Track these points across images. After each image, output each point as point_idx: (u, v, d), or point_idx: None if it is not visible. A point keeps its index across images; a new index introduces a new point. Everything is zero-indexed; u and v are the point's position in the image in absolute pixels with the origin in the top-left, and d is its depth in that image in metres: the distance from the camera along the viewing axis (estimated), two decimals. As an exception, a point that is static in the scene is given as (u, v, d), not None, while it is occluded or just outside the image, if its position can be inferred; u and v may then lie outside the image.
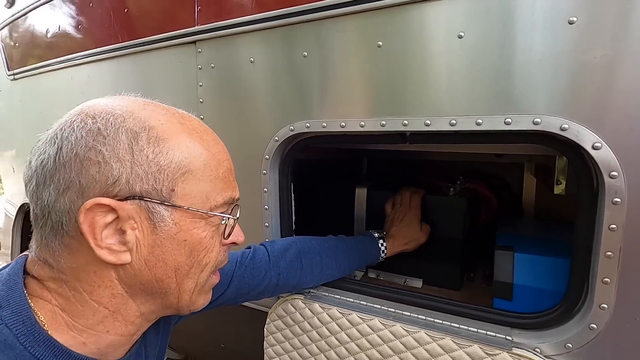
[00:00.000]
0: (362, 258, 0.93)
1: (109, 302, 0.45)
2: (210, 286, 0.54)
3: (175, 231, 0.45)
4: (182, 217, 0.45)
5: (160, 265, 0.45)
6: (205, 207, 0.47)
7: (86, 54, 1.31)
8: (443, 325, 0.76)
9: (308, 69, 0.84)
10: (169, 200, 0.44)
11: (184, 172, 0.45)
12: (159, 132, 0.44)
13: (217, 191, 0.48)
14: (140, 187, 0.43)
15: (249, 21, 0.90)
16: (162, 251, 0.45)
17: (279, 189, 0.96)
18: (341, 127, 0.81)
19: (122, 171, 0.42)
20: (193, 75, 1.03)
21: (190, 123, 0.48)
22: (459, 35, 0.67)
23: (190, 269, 0.48)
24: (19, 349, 0.40)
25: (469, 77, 0.67)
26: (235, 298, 0.77)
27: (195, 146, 0.46)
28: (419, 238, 1.01)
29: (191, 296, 0.50)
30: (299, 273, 0.82)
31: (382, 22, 0.74)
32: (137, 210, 0.43)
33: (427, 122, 0.71)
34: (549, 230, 1.15)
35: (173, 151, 0.44)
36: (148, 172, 0.43)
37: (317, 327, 0.86)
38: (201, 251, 0.48)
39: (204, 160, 0.47)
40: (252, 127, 0.94)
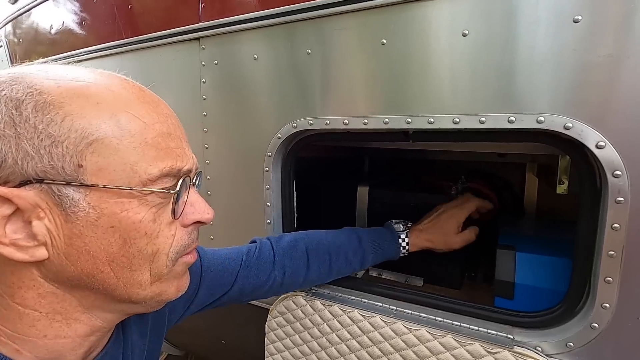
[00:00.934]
0: (378, 254, 0.86)
1: (38, 304, 0.39)
2: (181, 271, 0.45)
3: (95, 216, 0.37)
4: (101, 199, 0.37)
5: (85, 258, 0.38)
6: (134, 183, 0.38)
7: (89, 50, 1.32)
8: (444, 323, 0.76)
9: (311, 66, 0.84)
10: (77, 180, 0.36)
11: (91, 141, 0.36)
12: (52, 96, 0.36)
13: (147, 161, 0.38)
14: (32, 167, 0.35)
15: (252, 18, 0.90)
16: (84, 242, 0.37)
17: (281, 187, 0.96)
18: (344, 124, 0.81)
19: (5, 150, 0.34)
20: (196, 72, 1.03)
21: (105, 80, 0.40)
22: (464, 33, 0.67)
23: (131, 261, 0.39)
24: None
25: (473, 75, 0.67)
26: (239, 297, 0.75)
27: (104, 107, 0.37)
28: (449, 240, 0.89)
29: (150, 288, 0.42)
30: (305, 271, 0.80)
31: (386, 19, 0.74)
32: (40, 195, 0.35)
33: (431, 120, 0.71)
34: (551, 230, 1.15)
35: (71, 117, 0.35)
36: (39, 147, 0.35)
37: (319, 324, 0.86)
38: (140, 238, 0.39)
39: (120, 123, 0.37)
40: (255, 124, 0.94)
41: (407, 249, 0.89)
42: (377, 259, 0.88)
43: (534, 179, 1.51)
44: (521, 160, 1.49)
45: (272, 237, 0.82)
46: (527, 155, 1.44)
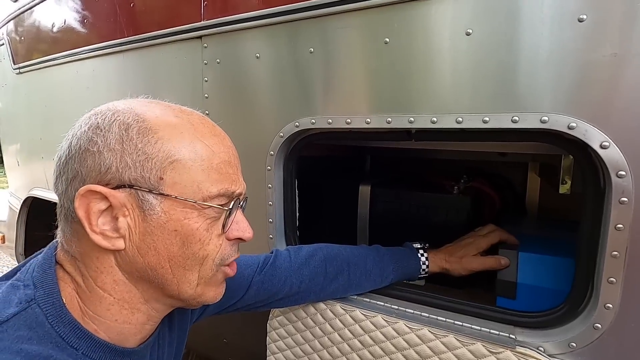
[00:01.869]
0: (398, 269, 0.85)
1: (112, 289, 0.47)
2: (220, 279, 0.53)
3: (165, 220, 0.45)
4: (171, 207, 0.46)
5: (152, 253, 0.46)
6: (197, 198, 0.46)
7: (92, 48, 1.32)
8: (446, 323, 0.76)
9: (314, 65, 0.84)
10: (157, 189, 0.45)
11: (172, 160, 0.45)
12: (151, 123, 0.46)
13: (210, 182, 0.47)
14: (129, 175, 0.44)
15: (255, 16, 0.90)
16: (153, 239, 0.46)
17: (283, 185, 0.96)
18: (347, 123, 0.81)
19: (112, 160, 0.44)
20: (199, 71, 1.03)
21: (187, 117, 0.49)
22: (467, 32, 0.67)
23: (186, 261, 0.48)
24: (47, 327, 0.43)
25: (477, 75, 0.67)
26: (254, 304, 0.76)
27: (186, 136, 0.47)
28: (465, 262, 0.87)
29: (196, 289, 0.50)
30: (322, 281, 0.79)
31: (390, 18, 0.74)
32: (128, 198, 0.45)
33: (434, 120, 0.71)
34: (553, 230, 1.15)
35: (162, 141, 0.45)
36: (136, 161, 0.44)
37: (321, 323, 0.86)
38: (195, 243, 0.47)
39: (195, 149, 0.47)
40: (257, 123, 0.94)
41: (427, 267, 0.87)
42: (397, 274, 0.85)
43: (536, 179, 1.51)
44: (523, 159, 1.48)
45: (291, 247, 0.84)
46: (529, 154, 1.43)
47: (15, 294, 0.44)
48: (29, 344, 0.41)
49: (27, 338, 0.41)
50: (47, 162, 1.67)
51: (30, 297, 0.44)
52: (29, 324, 0.42)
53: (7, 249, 2.25)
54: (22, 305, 0.43)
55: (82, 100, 1.43)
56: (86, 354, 0.45)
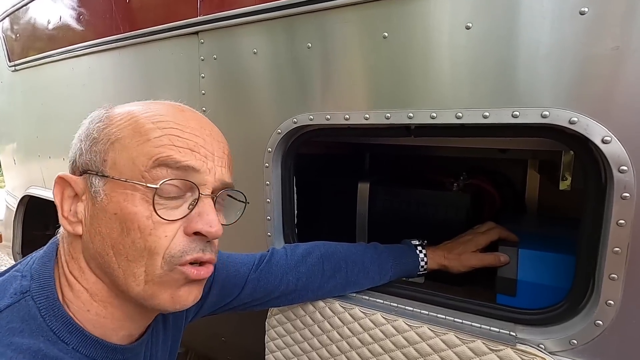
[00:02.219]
0: (397, 265, 0.84)
1: (80, 277, 0.47)
2: (178, 280, 0.46)
3: (107, 202, 0.45)
4: (112, 188, 0.45)
5: (98, 238, 0.46)
6: (133, 176, 0.44)
7: (87, 45, 1.30)
8: (446, 320, 0.75)
9: (312, 61, 0.83)
10: (101, 171, 0.45)
11: (113, 140, 0.45)
12: (112, 113, 0.48)
13: (144, 154, 0.44)
14: (82, 161, 0.47)
15: (252, 11, 0.89)
16: (99, 223, 0.45)
17: (281, 182, 0.95)
18: (345, 119, 0.80)
19: (76, 149, 0.48)
20: (195, 67, 1.02)
21: (154, 103, 0.50)
22: (467, 26, 0.66)
23: (127, 250, 0.44)
24: (39, 321, 0.43)
25: (477, 69, 0.66)
26: (251, 302, 0.75)
27: (133, 116, 0.47)
28: (464, 258, 0.86)
29: (144, 287, 0.45)
30: (320, 278, 0.79)
31: (389, 12, 0.73)
32: (85, 184, 0.47)
33: (433, 115, 0.70)
34: (553, 227, 1.15)
35: (111, 125, 0.46)
36: (88, 147, 0.46)
37: (319, 321, 0.85)
38: (134, 230, 0.43)
39: (138, 128, 0.45)
40: (254, 120, 0.93)
41: (425, 264, 0.86)
42: (396, 271, 0.84)
43: (536, 175, 1.50)
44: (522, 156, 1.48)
45: (288, 246, 0.83)
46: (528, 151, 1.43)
47: (12, 284, 0.45)
48: (20, 336, 0.40)
49: (19, 330, 0.41)
50: (43, 160, 1.66)
51: (26, 289, 0.44)
52: (21, 316, 0.42)
53: (4, 248, 2.23)
54: (16, 297, 0.43)
55: (78, 97, 1.41)
56: (77, 349, 0.44)
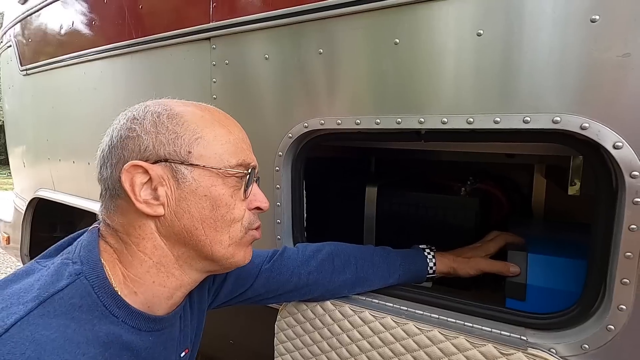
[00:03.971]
0: (405, 265, 0.85)
1: (152, 253, 0.54)
2: (248, 241, 0.60)
3: (195, 186, 0.53)
4: (200, 175, 0.53)
5: (187, 216, 0.53)
6: (220, 166, 0.54)
7: (100, 49, 1.33)
8: (456, 324, 0.76)
9: (323, 66, 0.84)
10: (188, 161, 0.53)
11: (197, 137, 0.54)
12: (177, 110, 0.55)
13: (229, 153, 0.55)
14: (163, 151, 0.52)
15: (264, 18, 0.90)
16: (187, 204, 0.53)
17: (291, 186, 0.96)
18: (356, 124, 0.81)
19: (149, 140, 0.52)
20: (207, 72, 1.03)
21: (205, 106, 0.59)
22: (478, 32, 0.67)
23: (216, 222, 0.55)
24: (94, 297, 0.49)
25: (488, 75, 0.67)
26: (264, 294, 0.79)
27: (206, 119, 0.56)
28: (473, 263, 0.87)
29: (227, 248, 0.56)
30: (330, 273, 0.81)
31: (400, 19, 0.74)
32: (164, 170, 0.52)
33: (444, 120, 0.71)
34: (561, 231, 1.15)
35: (188, 122, 0.54)
36: (169, 139, 0.53)
37: (329, 324, 0.86)
38: (222, 207, 0.55)
39: (214, 128, 0.55)
40: (266, 124, 0.94)
41: (434, 265, 0.87)
42: (405, 270, 0.85)
43: (542, 180, 1.50)
44: (529, 161, 1.48)
45: (300, 244, 0.87)
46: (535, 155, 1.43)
47: (66, 269, 0.49)
48: (79, 311, 0.47)
49: (79, 306, 0.47)
50: (53, 163, 1.68)
51: (79, 272, 0.49)
52: (80, 293, 0.48)
53: (11, 250, 2.25)
54: (72, 277, 0.48)
55: (89, 101, 1.44)
56: (125, 321, 0.51)
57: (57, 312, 0.45)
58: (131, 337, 0.51)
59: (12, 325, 0.41)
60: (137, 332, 0.52)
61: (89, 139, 1.47)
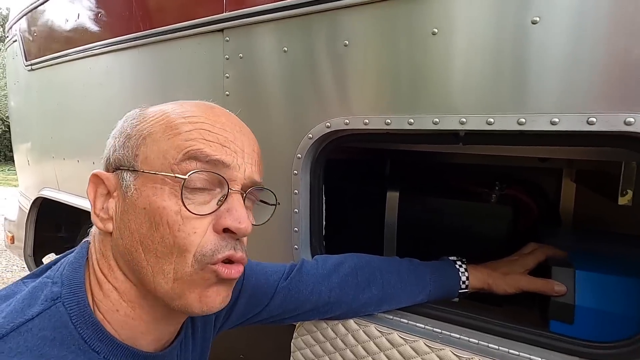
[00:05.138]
0: (436, 280, 0.76)
1: (109, 275, 0.45)
2: (208, 280, 0.44)
3: (136, 197, 0.43)
4: (143, 183, 0.43)
5: (127, 233, 0.43)
6: (163, 169, 0.43)
7: (105, 43, 1.26)
8: (499, 351, 0.67)
9: (349, 60, 0.76)
10: (132, 166, 0.44)
11: (145, 136, 0.45)
12: (146, 111, 0.48)
13: (175, 147, 0.43)
14: (114, 157, 0.46)
15: (284, 7, 0.82)
16: (128, 218, 0.43)
17: (309, 191, 0.88)
18: (386, 124, 0.73)
19: (110, 147, 0.47)
20: (219, 66, 0.96)
21: (186, 102, 0.48)
22: (533, 20, 0.58)
23: (156, 246, 0.42)
24: (70, 328, 0.41)
25: (546, 70, 0.58)
26: (281, 314, 0.70)
27: (165, 113, 0.46)
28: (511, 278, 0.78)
29: (172, 285, 0.43)
30: (354, 290, 0.72)
31: (439, 7, 0.66)
32: (117, 180, 0.45)
33: (490, 121, 0.63)
34: (602, 243, 1.05)
35: (145, 120, 0.46)
36: (121, 143, 0.46)
37: (352, 346, 0.78)
38: (163, 225, 0.42)
39: (169, 123, 0.44)
40: (283, 123, 0.86)
41: (467, 279, 0.77)
42: (436, 286, 0.76)
43: (572, 185, 1.41)
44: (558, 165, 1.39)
45: (318, 256, 0.79)
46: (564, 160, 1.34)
47: (42, 290, 0.43)
48: (51, 346, 0.39)
49: (51, 339, 0.40)
50: (57, 161, 1.62)
51: (57, 295, 0.42)
52: (53, 324, 0.40)
53: (15, 249, 2.20)
54: (46, 303, 0.41)
55: (95, 97, 1.37)
56: (107, 358, 0.43)
57: (22, 348, 0.38)
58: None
59: None
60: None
61: (94, 137, 1.40)
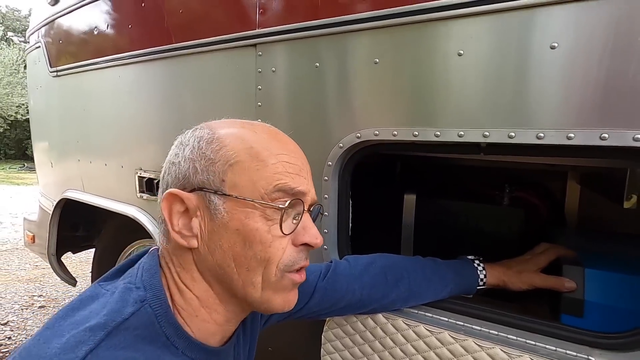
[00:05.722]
0: (457, 278, 0.84)
1: (192, 285, 0.51)
2: (288, 286, 0.52)
3: (228, 219, 0.48)
4: (233, 207, 0.48)
5: (219, 251, 0.49)
6: (255, 197, 0.48)
7: (136, 54, 1.32)
8: (518, 341, 0.74)
9: (379, 76, 0.83)
10: (221, 190, 0.48)
11: (232, 163, 0.49)
12: (218, 134, 0.51)
13: (265, 180, 0.49)
14: (197, 180, 0.49)
15: (315, 26, 0.89)
16: (220, 238, 0.49)
17: (338, 196, 0.95)
18: (414, 136, 0.80)
19: (187, 168, 0.50)
20: (252, 79, 1.02)
21: (252, 126, 0.54)
22: (552, 46, 0.65)
23: (249, 262, 0.49)
24: (156, 327, 0.47)
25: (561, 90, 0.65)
26: (318, 311, 0.76)
27: (246, 142, 0.50)
28: (525, 276, 0.85)
29: (261, 293, 0.51)
30: (384, 288, 0.79)
31: (465, 29, 0.73)
32: (199, 200, 0.49)
33: (511, 134, 0.70)
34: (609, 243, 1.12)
35: (225, 147, 0.50)
36: (203, 166, 0.49)
37: (381, 337, 0.85)
38: (256, 244, 0.49)
39: (252, 152, 0.50)
40: (315, 133, 0.93)
41: (485, 277, 0.85)
42: (456, 283, 0.84)
43: (576, 187, 1.48)
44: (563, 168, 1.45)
45: (349, 257, 0.85)
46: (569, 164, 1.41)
47: (130, 295, 0.48)
48: (143, 342, 0.45)
49: (142, 337, 0.45)
50: (83, 164, 1.69)
51: (143, 298, 0.48)
52: (144, 323, 0.46)
53: (37, 248, 2.27)
54: (137, 305, 0.47)
55: (123, 105, 1.43)
56: (185, 352, 0.49)
57: (123, 344, 0.44)
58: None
59: (84, 358, 0.41)
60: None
61: (123, 143, 1.47)
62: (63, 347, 0.41)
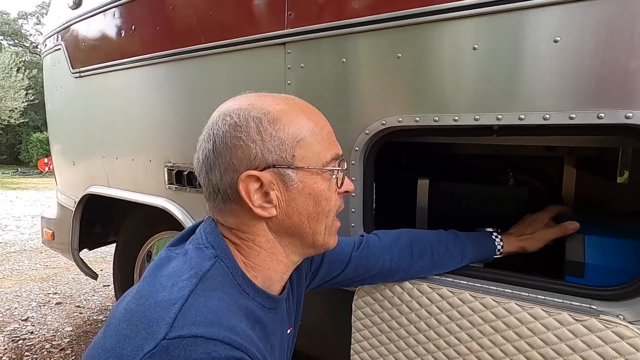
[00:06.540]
0: (476, 250, 0.95)
1: (266, 246, 0.61)
2: (336, 228, 0.67)
3: (302, 187, 0.59)
4: (304, 176, 0.58)
5: (296, 214, 0.60)
6: (319, 165, 0.59)
7: (165, 54, 1.41)
8: (529, 297, 0.86)
9: (402, 70, 0.93)
10: (293, 164, 0.57)
11: (298, 140, 0.58)
12: (275, 114, 0.57)
13: (325, 150, 0.60)
14: (271, 158, 0.56)
15: (342, 25, 0.99)
16: (296, 204, 0.59)
17: (363, 178, 1.06)
18: (434, 121, 0.91)
19: (257, 149, 0.56)
20: (281, 74, 1.13)
21: (293, 102, 0.62)
22: (555, 40, 0.76)
23: (318, 216, 0.61)
24: (230, 277, 0.57)
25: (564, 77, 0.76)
26: (352, 278, 0.88)
27: (301, 119, 0.59)
28: (538, 234, 0.97)
29: (324, 237, 0.63)
30: (410, 259, 0.90)
31: (478, 27, 0.84)
32: (273, 176, 0.57)
33: (522, 117, 0.81)
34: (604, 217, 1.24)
35: (287, 126, 0.57)
36: (274, 146, 0.56)
37: (407, 302, 0.96)
38: (323, 200, 0.61)
39: (311, 128, 0.59)
40: (343, 122, 1.03)
41: (501, 248, 0.96)
42: (476, 254, 0.95)
43: (573, 171, 1.59)
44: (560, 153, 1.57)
45: (378, 231, 0.95)
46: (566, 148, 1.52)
47: (203, 252, 0.57)
48: (225, 287, 0.55)
49: (223, 282, 0.55)
50: (108, 161, 1.77)
51: (215, 255, 0.57)
52: (221, 272, 0.56)
53: (57, 245, 2.35)
54: (212, 260, 0.56)
55: (150, 102, 1.52)
56: (254, 297, 0.59)
57: (212, 287, 0.53)
58: (260, 312, 0.58)
59: (188, 296, 0.49)
60: (263, 308, 0.59)
61: (150, 138, 1.56)
62: (170, 290, 0.51)
